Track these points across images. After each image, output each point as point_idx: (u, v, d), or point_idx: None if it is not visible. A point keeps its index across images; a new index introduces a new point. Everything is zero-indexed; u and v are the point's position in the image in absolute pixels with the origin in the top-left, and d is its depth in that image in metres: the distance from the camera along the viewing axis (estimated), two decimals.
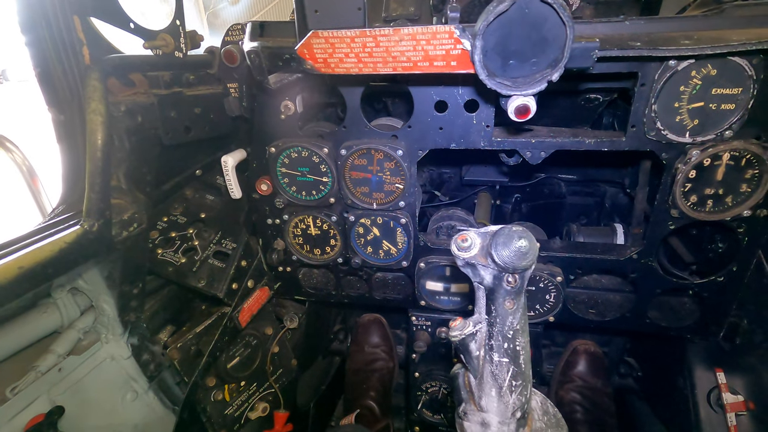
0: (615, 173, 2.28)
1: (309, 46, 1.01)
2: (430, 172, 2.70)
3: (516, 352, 0.85)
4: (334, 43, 1.00)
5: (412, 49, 0.98)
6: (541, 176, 2.51)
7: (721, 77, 1.20)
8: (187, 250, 1.73)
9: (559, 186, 2.58)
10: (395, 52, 0.99)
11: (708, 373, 1.74)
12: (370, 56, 1.01)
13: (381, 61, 1.01)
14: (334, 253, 1.80)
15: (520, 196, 2.70)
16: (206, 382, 1.80)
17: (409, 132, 1.50)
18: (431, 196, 2.66)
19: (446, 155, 2.52)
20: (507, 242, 0.80)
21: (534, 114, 2.00)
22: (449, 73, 1.01)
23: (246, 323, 1.79)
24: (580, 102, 1.95)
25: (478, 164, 2.57)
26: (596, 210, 2.52)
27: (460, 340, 0.89)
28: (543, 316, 1.73)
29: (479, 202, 2.55)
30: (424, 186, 2.68)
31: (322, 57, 1.03)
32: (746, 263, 1.48)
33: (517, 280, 0.84)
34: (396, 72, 1.03)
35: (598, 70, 1.28)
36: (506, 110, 1.00)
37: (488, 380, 0.87)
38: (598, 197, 2.50)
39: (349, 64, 1.04)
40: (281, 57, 1.06)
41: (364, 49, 1.00)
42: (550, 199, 2.64)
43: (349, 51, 1.01)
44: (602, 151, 1.41)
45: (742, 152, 1.29)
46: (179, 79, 1.45)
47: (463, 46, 0.94)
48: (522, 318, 0.86)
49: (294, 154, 1.60)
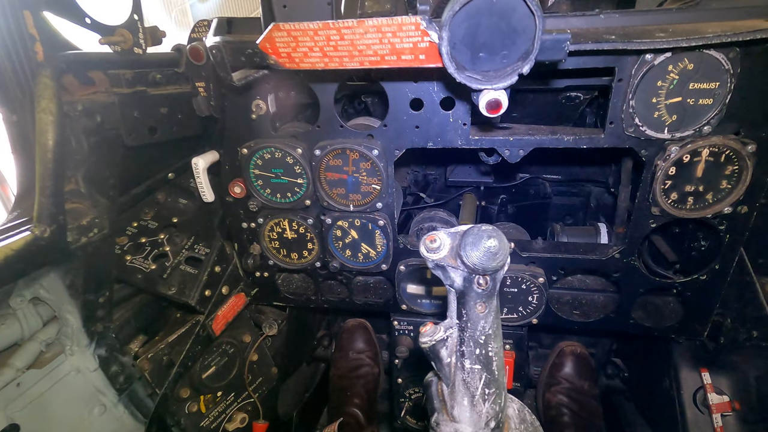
0: (599, 172, 2.27)
1: (271, 40, 0.97)
2: (414, 174, 2.66)
3: (488, 358, 0.81)
4: (296, 37, 0.95)
5: (378, 42, 0.93)
6: (525, 177, 2.50)
7: (698, 72, 1.18)
8: (157, 256, 1.66)
9: (544, 186, 2.56)
10: (361, 46, 0.94)
11: (693, 373, 1.72)
12: (336, 50, 0.96)
13: (347, 55, 0.97)
14: (311, 257, 1.74)
15: (505, 197, 2.68)
16: (180, 393, 1.73)
17: (384, 131, 1.46)
18: (416, 198, 2.62)
19: (430, 156, 2.51)
20: (476, 242, 0.76)
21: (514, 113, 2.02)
22: (419, 67, 0.98)
23: (221, 331, 1.73)
24: (561, 100, 1.93)
25: (462, 165, 2.55)
26: (582, 210, 2.51)
27: (430, 347, 0.84)
28: (526, 319, 1.69)
29: (464, 203, 2.53)
30: (408, 188, 2.64)
31: (285, 51, 0.99)
32: (728, 261, 1.45)
33: (488, 282, 0.79)
34: (363, 67, 0.99)
35: (574, 66, 1.26)
36: (478, 105, 0.96)
37: (460, 388, 0.82)
38: (584, 197, 2.49)
39: (314, 59, 0.99)
40: (243, 52, 1.01)
41: (329, 43, 0.95)
42: (536, 199, 2.63)
43: (313, 45, 0.96)
44: (585, 150, 1.38)
45: (721, 148, 1.27)
46: (144, 78, 1.39)
47: (430, 39, 0.90)
48: (494, 322, 0.81)
49: (267, 155, 1.54)
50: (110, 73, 1.26)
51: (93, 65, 1.21)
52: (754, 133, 1.25)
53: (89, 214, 1.22)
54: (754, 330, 1.43)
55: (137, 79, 1.31)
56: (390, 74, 1.33)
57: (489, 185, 2.53)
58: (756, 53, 1.14)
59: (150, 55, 1.45)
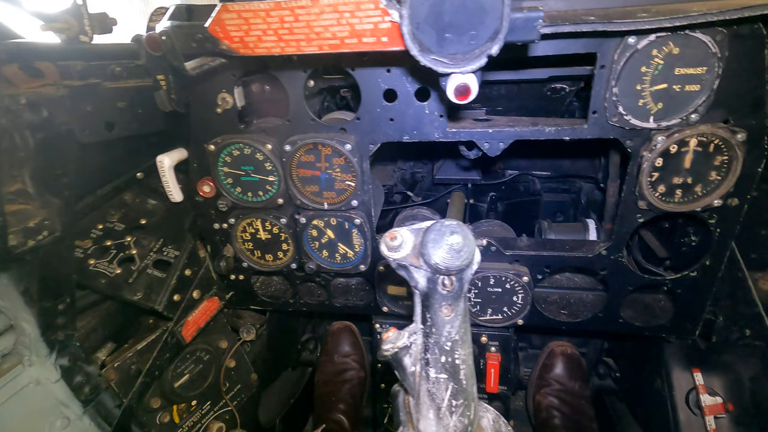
0: (589, 167, 2.20)
1: (221, 22, 0.89)
2: (401, 172, 2.60)
3: (455, 366, 0.74)
4: (248, 18, 0.88)
5: (336, 24, 0.86)
6: (514, 174, 2.44)
7: (684, 56, 1.12)
8: (123, 260, 1.58)
9: (533, 183, 2.50)
10: (318, 28, 0.87)
11: (686, 373, 1.65)
12: (291, 33, 0.89)
13: (304, 38, 0.89)
14: (287, 258, 1.67)
15: (495, 195, 2.62)
16: (150, 403, 1.65)
17: (358, 124, 1.38)
18: (404, 196, 2.55)
19: (416, 152, 2.44)
20: (438, 239, 0.69)
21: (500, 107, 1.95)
22: (383, 51, 0.90)
23: (192, 338, 1.65)
24: (547, 93, 1.86)
25: (449, 162, 2.49)
26: (573, 207, 2.44)
27: (392, 355, 0.77)
28: (512, 319, 1.62)
29: (452, 201, 2.46)
30: (395, 186, 2.57)
31: (237, 35, 0.91)
32: (719, 257, 1.39)
33: (453, 282, 0.72)
34: (323, 51, 0.92)
35: (554, 51, 1.19)
36: (446, 92, 0.88)
37: (425, 400, 0.75)
38: (574, 193, 2.43)
39: (269, 44, 0.92)
40: (194, 37, 0.94)
41: (283, 25, 0.88)
42: (526, 196, 2.57)
43: (267, 27, 0.89)
44: (573, 144, 1.31)
45: (710, 137, 1.20)
46: (102, 71, 1.31)
47: (391, 18, 0.83)
48: (462, 327, 0.74)
49: (236, 152, 1.47)
50: (61, 65, 1.18)
51: (40, 56, 1.13)
52: (744, 121, 1.18)
53: (37, 216, 1.13)
54: (747, 328, 1.37)
55: (91, 71, 1.23)
56: (361, 62, 1.26)
57: (477, 182, 2.47)
58: (745, 35, 1.08)
59: (108, 46, 1.37)
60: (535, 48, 1.20)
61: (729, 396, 1.52)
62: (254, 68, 1.31)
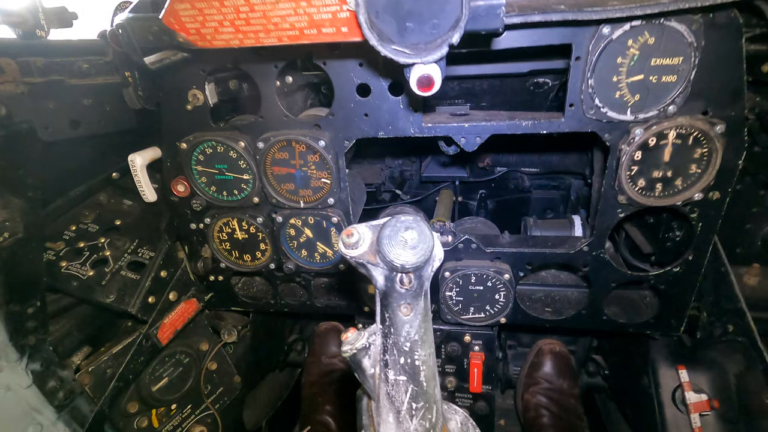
0: (578, 163, 2.18)
1: (175, 13, 0.86)
2: (389, 170, 2.57)
3: (415, 368, 0.71)
4: (202, 9, 0.85)
5: (293, 13, 0.83)
6: (503, 171, 2.41)
7: (660, 46, 1.09)
8: (96, 261, 1.54)
9: (522, 180, 2.48)
10: (275, 18, 0.84)
11: (672, 370, 1.63)
12: (248, 24, 0.86)
13: (262, 29, 0.86)
14: (265, 258, 1.63)
15: (484, 192, 2.59)
16: (126, 408, 1.62)
17: (332, 121, 1.35)
18: (393, 195, 2.53)
19: (403, 150, 2.41)
20: (393, 235, 0.66)
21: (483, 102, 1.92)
22: (354, 44, 0.87)
23: (168, 340, 1.61)
24: (530, 87, 1.84)
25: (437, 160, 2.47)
26: (563, 203, 2.42)
27: (351, 356, 0.74)
28: (494, 318, 1.60)
29: (440, 199, 2.44)
30: (383, 184, 2.55)
31: (193, 27, 0.88)
32: (702, 251, 1.36)
33: (411, 280, 0.69)
34: (282, 43, 0.89)
35: (529, 43, 1.16)
36: (409, 83, 0.85)
37: (384, 403, 0.72)
38: (564, 190, 2.41)
39: (226, 35, 0.89)
40: (150, 30, 0.90)
41: (239, 15, 0.85)
42: (516, 193, 2.55)
43: (222, 18, 0.86)
44: (562, 140, 1.29)
45: (689, 129, 1.17)
46: (66, 67, 1.27)
47: (349, 7, 0.80)
48: (422, 326, 0.71)
49: (209, 150, 1.43)
50: (21, 61, 1.14)
51: None
52: (723, 113, 1.16)
53: None
54: (730, 324, 1.35)
55: (53, 67, 1.20)
56: (332, 56, 1.23)
57: (465, 180, 2.45)
58: (721, 24, 1.05)
59: (74, 42, 1.33)
60: (510, 40, 1.18)
61: (715, 393, 1.50)
62: (223, 63, 1.28)
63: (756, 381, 1.28)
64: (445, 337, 1.69)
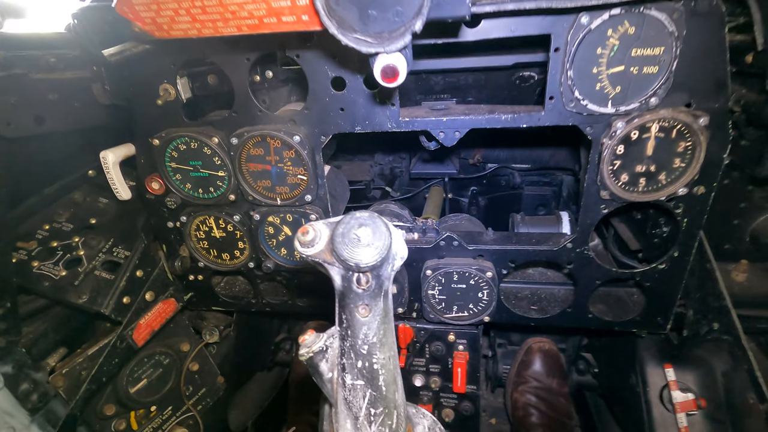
0: (569, 160, 2.15)
1: (127, 2, 0.82)
2: (379, 167, 2.54)
3: (373, 372, 0.67)
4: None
5: (250, 1, 0.79)
6: (494, 167, 2.39)
7: (640, 36, 1.05)
8: (70, 261, 1.51)
9: (513, 177, 2.45)
10: (232, 6, 0.80)
11: (659, 369, 1.60)
12: (205, 12, 0.82)
13: (219, 18, 0.83)
14: (244, 257, 1.60)
15: (476, 189, 2.56)
16: (103, 410, 1.59)
17: (307, 115, 1.31)
18: (384, 193, 2.50)
19: (394, 147, 2.38)
20: (346, 233, 0.63)
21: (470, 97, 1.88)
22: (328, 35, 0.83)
23: (145, 341, 1.58)
24: (515, 81, 1.80)
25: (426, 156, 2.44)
26: (555, 200, 2.39)
27: (307, 360, 0.71)
28: (477, 317, 1.56)
29: (430, 196, 2.41)
30: (372, 182, 2.52)
31: (148, 16, 0.84)
32: (687, 248, 1.33)
33: (369, 280, 0.66)
34: (242, 32, 0.85)
35: (508, 34, 1.13)
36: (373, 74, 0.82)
37: (342, 408, 0.68)
38: (556, 186, 2.38)
39: (183, 25, 0.85)
40: (105, 20, 0.86)
41: (194, 4, 0.81)
42: (507, 190, 2.52)
43: (178, 7, 0.82)
44: (553, 135, 1.25)
45: (672, 122, 1.14)
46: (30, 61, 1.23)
47: None
48: (381, 328, 0.68)
49: (182, 146, 1.40)
50: None
51: None
52: (706, 105, 1.12)
53: None
54: (715, 322, 1.31)
55: (15, 61, 1.16)
56: (305, 47, 1.19)
57: (454, 177, 2.42)
58: (702, 12, 1.01)
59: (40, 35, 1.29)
60: (487, 30, 1.14)
61: (702, 392, 1.47)
62: (192, 56, 1.24)
63: (741, 380, 1.25)
64: (428, 337, 1.66)
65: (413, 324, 1.66)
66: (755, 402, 1.18)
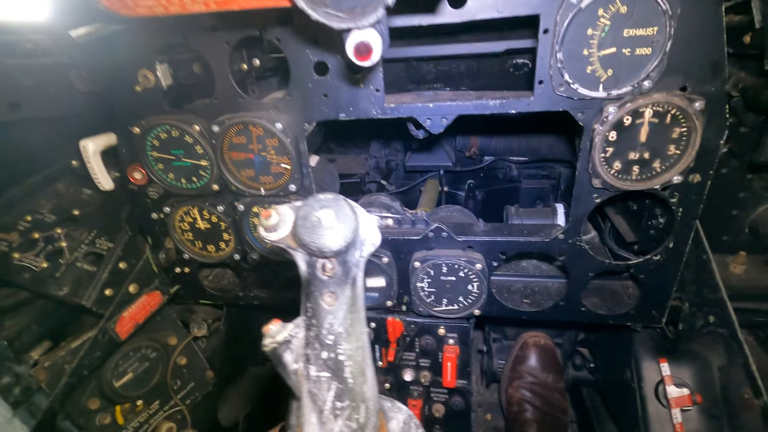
0: (567, 152, 2.10)
1: None
2: (375, 160, 2.51)
3: (338, 363, 0.64)
4: None
5: None
6: (490, 159, 2.34)
7: (633, 15, 1.01)
8: (52, 253, 1.48)
9: (510, 170, 2.41)
10: None
11: (655, 364, 1.55)
12: None
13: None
14: (230, 249, 1.57)
15: (473, 182, 2.53)
16: (87, 404, 1.56)
17: (289, 101, 1.28)
18: (380, 186, 2.46)
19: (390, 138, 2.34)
20: (307, 215, 0.59)
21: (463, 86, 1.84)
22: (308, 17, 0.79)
23: (128, 334, 1.55)
24: (509, 69, 1.75)
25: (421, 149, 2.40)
26: (553, 193, 2.35)
27: (271, 351, 0.67)
28: (467, 309, 1.53)
29: (425, 189, 2.37)
30: (367, 174, 2.48)
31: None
32: (683, 238, 1.29)
33: (335, 266, 0.62)
34: (211, 10, 0.81)
35: (495, 15, 1.08)
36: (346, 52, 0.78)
37: (307, 402, 0.65)
38: (554, 179, 2.34)
39: (149, 2, 0.81)
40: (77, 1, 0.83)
41: None
42: (505, 183, 2.48)
43: None
44: (549, 127, 1.21)
45: (666, 107, 1.09)
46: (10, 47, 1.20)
47: None
48: (348, 318, 0.64)
49: (163, 135, 1.36)
50: None
51: None
52: (702, 88, 1.07)
53: None
54: (711, 315, 1.27)
55: None
56: (285, 31, 1.15)
57: (452, 169, 2.38)
58: None
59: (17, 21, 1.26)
60: (473, 11, 1.09)
61: (698, 387, 1.43)
62: (168, 41, 1.20)
63: (737, 375, 1.21)
64: (418, 330, 1.63)
65: (403, 317, 1.63)
66: (750, 397, 1.14)
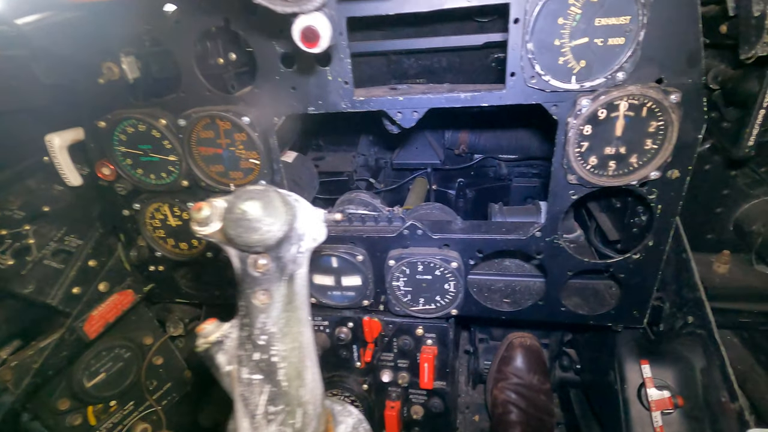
0: None
1: None
2: (363, 158, 2.48)
3: (272, 365, 0.60)
4: None
5: None
6: (480, 157, 2.31)
7: (604, 3, 0.97)
8: (19, 250, 1.45)
9: (500, 168, 2.38)
10: None
11: (638, 365, 1.52)
12: None
13: None
14: (202, 246, 1.53)
15: (463, 181, 2.50)
16: (56, 405, 1.53)
17: (257, 95, 1.24)
18: (368, 184, 2.44)
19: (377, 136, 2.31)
20: (232, 207, 0.55)
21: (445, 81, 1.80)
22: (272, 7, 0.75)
23: (98, 334, 1.51)
24: (491, 63, 1.72)
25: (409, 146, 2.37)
26: (543, 191, 2.31)
27: (203, 351, 0.63)
28: (445, 309, 1.49)
29: (413, 187, 2.34)
30: (355, 172, 2.45)
31: None
32: (663, 236, 1.25)
33: (267, 262, 0.58)
34: None
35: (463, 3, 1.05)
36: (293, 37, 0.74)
37: (239, 406, 0.61)
38: (545, 178, 2.29)
39: None
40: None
41: None
42: (495, 182, 2.45)
43: None
44: (538, 124, 1.17)
45: (641, 99, 1.05)
46: None
47: None
48: (282, 317, 0.60)
49: (130, 129, 1.33)
50: None
51: None
52: (679, 80, 1.03)
53: None
54: (690, 315, 1.23)
55: None
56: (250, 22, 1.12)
57: (441, 168, 2.35)
58: None
59: None
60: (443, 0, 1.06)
61: (681, 389, 1.39)
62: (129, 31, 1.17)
63: (716, 377, 1.17)
64: (396, 331, 1.59)
65: (381, 317, 1.59)
66: (727, 400, 1.10)
